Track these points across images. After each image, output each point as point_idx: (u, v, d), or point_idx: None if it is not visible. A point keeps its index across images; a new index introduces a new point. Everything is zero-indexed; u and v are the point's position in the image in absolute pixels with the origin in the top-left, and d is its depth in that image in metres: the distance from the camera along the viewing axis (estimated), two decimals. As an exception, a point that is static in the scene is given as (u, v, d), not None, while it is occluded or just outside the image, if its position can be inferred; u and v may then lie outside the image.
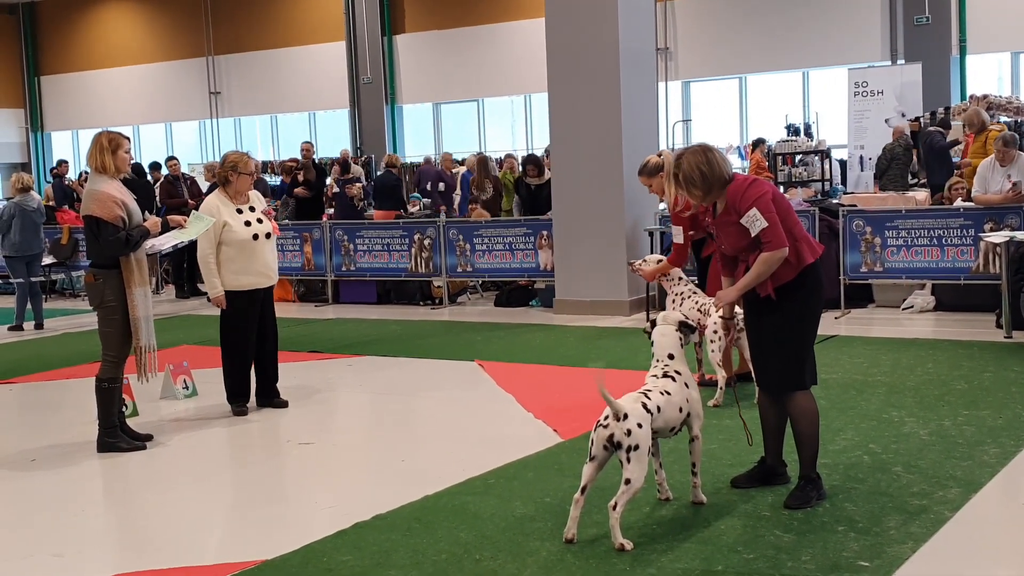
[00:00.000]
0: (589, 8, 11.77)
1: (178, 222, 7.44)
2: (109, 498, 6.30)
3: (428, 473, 6.08)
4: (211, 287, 7.73)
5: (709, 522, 5.05)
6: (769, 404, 5.46)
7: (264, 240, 7.76)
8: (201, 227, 7.39)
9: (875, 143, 18.71)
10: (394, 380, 9.10)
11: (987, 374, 8.01)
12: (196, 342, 11.28)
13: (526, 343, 10.46)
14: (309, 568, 4.74)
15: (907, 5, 21.95)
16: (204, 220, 7.45)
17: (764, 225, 5.07)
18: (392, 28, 28.52)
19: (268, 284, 7.88)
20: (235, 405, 7.87)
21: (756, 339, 5.41)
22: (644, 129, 12.20)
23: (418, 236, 13.53)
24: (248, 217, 7.75)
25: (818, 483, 5.30)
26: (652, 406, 4.91)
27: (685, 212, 7.02)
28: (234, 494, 6.16)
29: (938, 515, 5.02)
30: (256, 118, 31.78)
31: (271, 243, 7.87)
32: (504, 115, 28.45)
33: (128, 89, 33.05)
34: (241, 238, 7.66)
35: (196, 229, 7.39)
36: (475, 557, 4.76)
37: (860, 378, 8.03)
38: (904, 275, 11.00)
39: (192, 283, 15.91)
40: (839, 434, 6.45)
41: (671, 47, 24.79)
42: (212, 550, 5.16)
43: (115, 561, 5.04)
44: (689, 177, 5.18)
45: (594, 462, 4.81)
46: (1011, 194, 10.37)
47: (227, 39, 30.96)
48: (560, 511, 5.16)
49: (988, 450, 6.04)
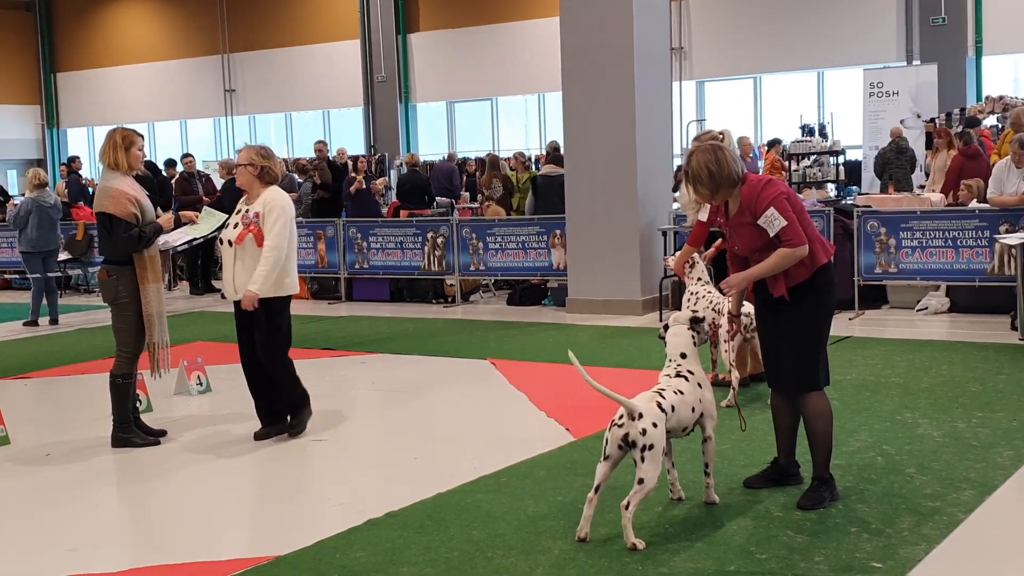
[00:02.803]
0: (604, 7, 11.75)
1: (190, 218, 7.45)
2: (123, 493, 6.32)
3: (441, 471, 6.09)
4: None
5: (722, 522, 5.05)
6: (782, 405, 5.45)
7: (227, 247, 6.95)
8: (214, 223, 7.40)
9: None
10: (407, 378, 9.11)
11: (1002, 376, 7.98)
12: (210, 338, 11.31)
13: (539, 342, 10.46)
14: (322, 564, 4.74)
15: (923, 6, 21.87)
16: (216, 216, 7.45)
17: (783, 224, 5.06)
18: (407, 27, 28.54)
19: (233, 297, 6.98)
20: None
21: (769, 340, 5.40)
22: (658, 129, 12.19)
23: (431, 234, 13.54)
24: (236, 219, 7.00)
25: (831, 484, 5.29)
26: (667, 405, 4.90)
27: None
28: (247, 490, 6.17)
29: (951, 517, 5.00)
30: (271, 116, 31.85)
31: (235, 252, 6.88)
32: (518, 114, 28.44)
33: (143, 86, 33.15)
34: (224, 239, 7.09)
35: (208, 225, 7.40)
36: (487, 555, 4.77)
37: (874, 379, 8.01)
38: (919, 276, 10.96)
39: (206, 279, 15.96)
40: (853, 435, 6.43)
41: (686, 46, 24.75)
42: (225, 546, 5.17)
43: (129, 556, 5.06)
44: (697, 175, 5.18)
45: (608, 461, 4.81)
46: (1027, 196, 10.31)
47: (242, 37, 31.03)
48: (572, 510, 5.16)
49: (1002, 452, 6.02)
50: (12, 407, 7.89)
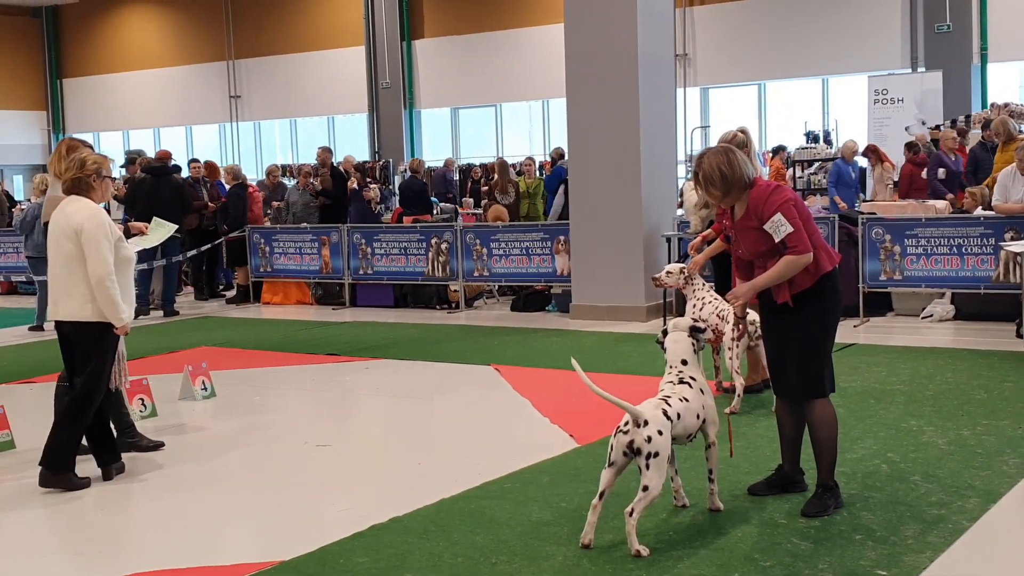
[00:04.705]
0: (608, 14, 11.76)
1: (139, 229, 7.28)
2: (128, 498, 6.30)
3: (444, 476, 6.08)
4: (121, 312, 6.17)
5: (726, 529, 5.04)
6: (787, 412, 5.44)
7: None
8: (163, 234, 7.30)
9: (895, 151, 18.63)
10: (411, 383, 9.11)
11: (1007, 384, 7.96)
12: (215, 344, 11.31)
13: (542, 348, 10.46)
14: (326, 569, 4.74)
15: (928, 13, 21.85)
16: (166, 227, 7.34)
17: (789, 230, 5.06)
18: (411, 33, 28.58)
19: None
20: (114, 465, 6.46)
21: (774, 347, 5.40)
22: (662, 135, 12.18)
23: (435, 240, 13.55)
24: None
25: (836, 491, 5.28)
26: (672, 413, 4.89)
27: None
28: (251, 495, 6.17)
29: (956, 525, 4.99)
30: (276, 122, 31.91)
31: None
32: (522, 120, 28.47)
33: (149, 92, 33.23)
34: (130, 256, 6.46)
35: (157, 236, 7.30)
36: (491, 561, 4.76)
37: (879, 387, 7.99)
38: (924, 284, 10.95)
39: (211, 285, 15.98)
40: (857, 442, 6.42)
41: (690, 53, 24.76)
42: (230, 550, 5.18)
43: (133, 560, 5.05)
44: (709, 177, 5.17)
45: (613, 468, 4.80)
46: (1032, 203, 10.31)
47: (247, 43, 31.09)
48: (576, 516, 5.15)
49: (1008, 460, 6.00)
50: (18, 412, 7.89)
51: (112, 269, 6.09)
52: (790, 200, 5.14)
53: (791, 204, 5.12)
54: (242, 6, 31.04)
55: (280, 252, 14.84)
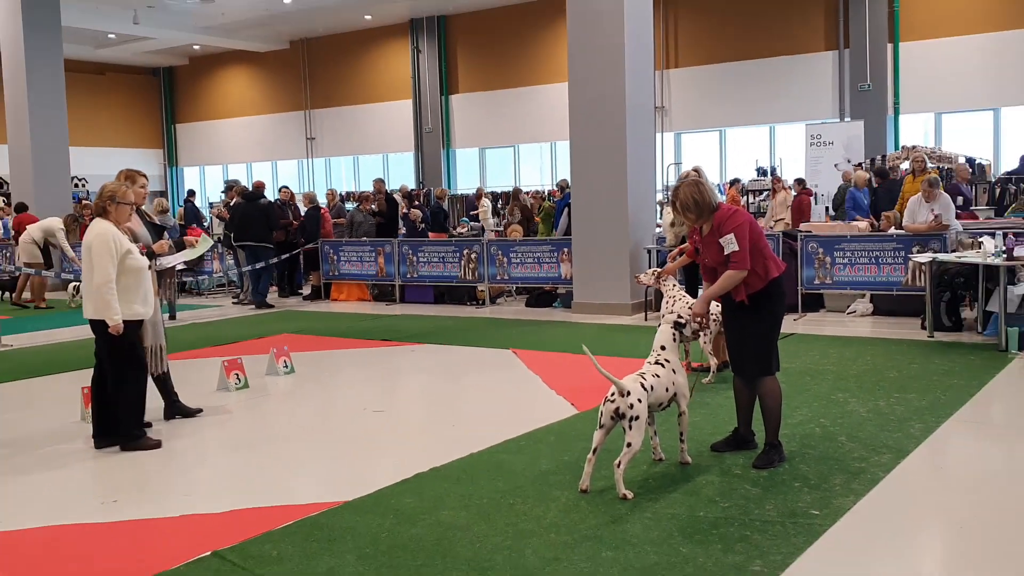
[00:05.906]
0: (603, 74, 11.75)
1: (191, 243, 7.13)
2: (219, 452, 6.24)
3: (473, 435, 6.08)
4: (114, 313, 5.93)
5: (693, 478, 5.03)
6: (742, 386, 5.43)
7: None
8: (206, 246, 7.29)
9: (827, 183, 18.59)
10: (447, 363, 9.11)
11: (914, 365, 7.92)
12: (294, 331, 11.33)
13: (551, 336, 10.44)
14: (380, 507, 4.75)
15: (853, 74, 21.86)
16: (209, 241, 7.35)
17: (735, 248, 5.05)
18: (449, 89, 28.60)
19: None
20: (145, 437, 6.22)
21: (733, 336, 5.38)
22: (644, 170, 12.17)
23: (466, 251, 13.58)
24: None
25: (780, 448, 5.26)
26: (647, 385, 4.89)
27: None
28: (320, 449, 6.16)
29: (874, 475, 4.98)
30: (342, 159, 31.93)
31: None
32: (535, 158, 28.44)
33: (243, 134, 33.35)
34: (139, 266, 6.15)
35: (203, 247, 7.29)
36: (510, 502, 4.76)
37: (813, 367, 7.96)
38: (848, 286, 10.90)
39: (292, 285, 15.98)
40: (796, 411, 6.40)
41: (666, 105, 24.69)
42: (303, 492, 5.17)
43: (230, 500, 5.07)
44: (685, 204, 5.17)
45: (603, 429, 4.80)
46: (934, 224, 10.28)
47: (320, 96, 31.20)
48: (576, 467, 5.15)
49: (914, 425, 5.97)
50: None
51: (111, 278, 5.90)
52: (745, 223, 5.12)
53: (745, 227, 5.10)
54: (316, 68, 31.11)
55: (345, 260, 14.88)
